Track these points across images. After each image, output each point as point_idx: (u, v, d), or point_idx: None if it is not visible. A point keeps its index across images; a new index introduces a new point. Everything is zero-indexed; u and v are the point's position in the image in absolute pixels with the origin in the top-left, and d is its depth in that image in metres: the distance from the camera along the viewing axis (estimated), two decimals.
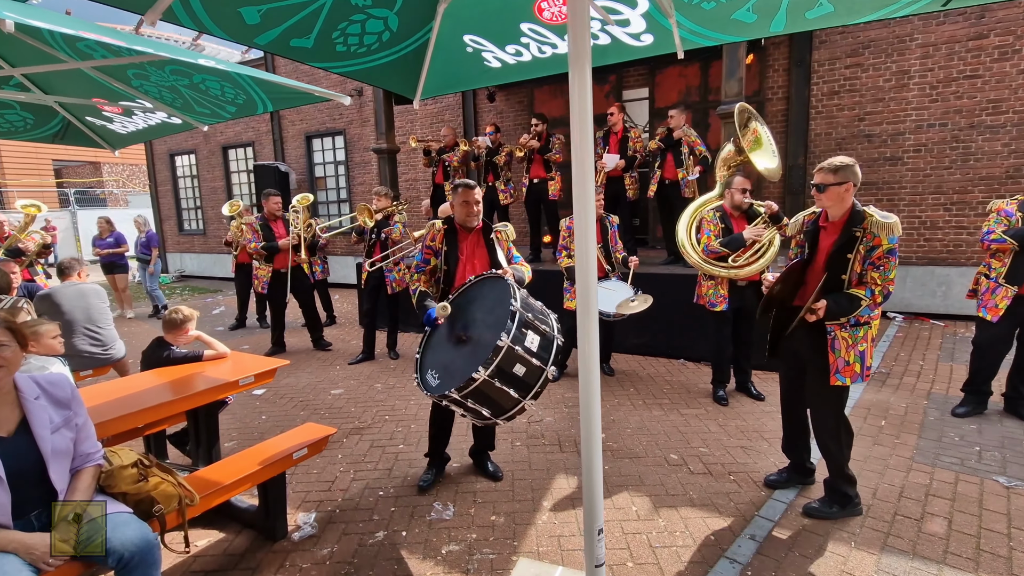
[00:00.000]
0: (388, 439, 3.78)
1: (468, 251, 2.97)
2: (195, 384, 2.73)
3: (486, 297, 2.54)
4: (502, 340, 2.17)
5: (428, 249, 2.97)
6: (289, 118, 11.76)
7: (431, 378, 2.45)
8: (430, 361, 2.57)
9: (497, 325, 2.28)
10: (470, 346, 2.41)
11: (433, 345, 2.64)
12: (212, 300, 10.44)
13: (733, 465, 3.24)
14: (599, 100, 8.37)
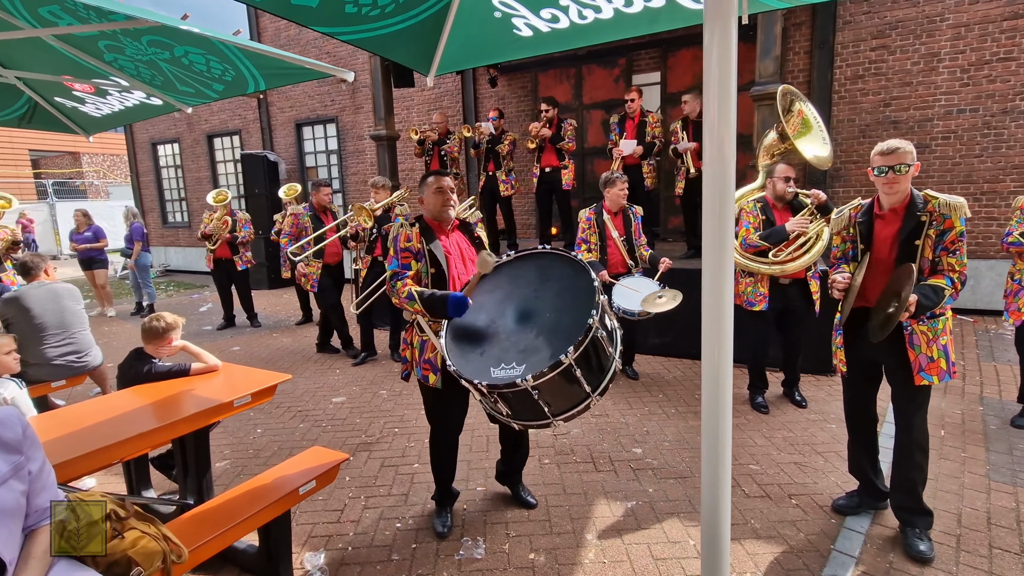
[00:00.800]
0: (400, 457, 3.40)
1: (454, 249, 2.54)
2: (182, 406, 2.32)
3: (538, 274, 2.17)
4: (592, 318, 1.83)
5: (405, 252, 2.43)
6: (278, 105, 11.22)
7: (510, 371, 1.98)
8: (493, 356, 2.09)
9: (576, 303, 1.96)
10: (536, 329, 2.03)
11: (465, 334, 2.19)
12: (199, 297, 9.95)
13: (791, 486, 2.90)
14: (608, 84, 7.99)
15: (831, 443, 3.36)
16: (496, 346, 2.06)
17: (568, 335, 1.89)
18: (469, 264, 2.54)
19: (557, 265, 2.14)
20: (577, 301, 1.98)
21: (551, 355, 1.86)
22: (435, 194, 2.50)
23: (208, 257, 6.85)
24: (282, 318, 7.78)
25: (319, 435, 3.76)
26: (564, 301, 2.03)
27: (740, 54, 5.10)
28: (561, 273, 2.11)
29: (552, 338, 1.94)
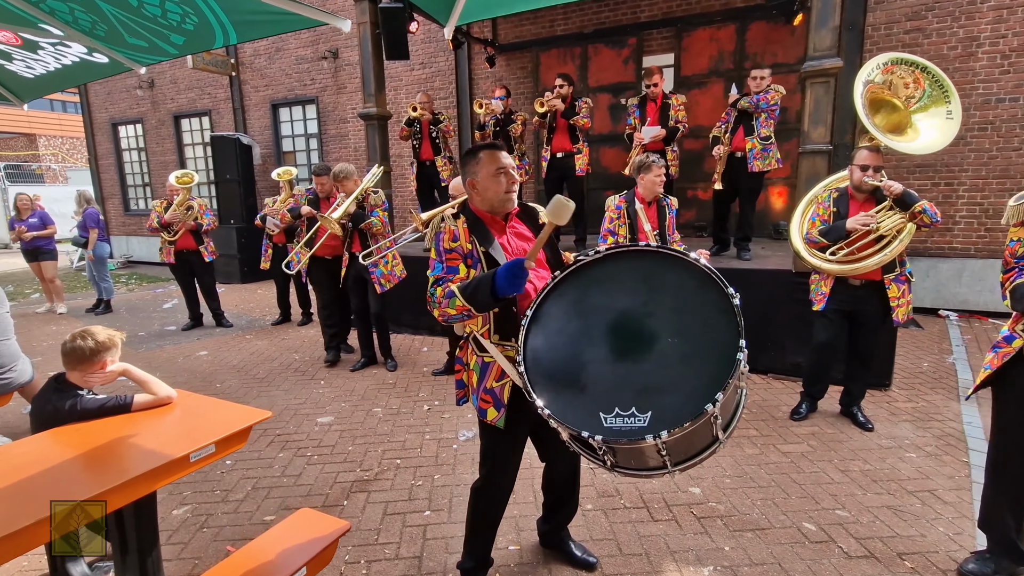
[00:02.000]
0: (406, 500, 2.76)
1: (515, 245, 1.91)
2: (118, 463, 1.65)
3: (643, 282, 1.59)
4: (742, 348, 1.36)
5: (451, 254, 1.84)
6: (252, 83, 10.33)
7: (628, 421, 1.43)
8: (600, 396, 1.51)
9: (705, 325, 1.46)
10: (655, 359, 1.47)
11: (553, 362, 1.60)
12: (163, 291, 9.07)
13: (896, 541, 2.36)
14: (616, 66, 7.40)
15: (920, 479, 2.84)
16: (601, 381, 1.50)
17: (706, 370, 1.37)
18: (537, 266, 1.90)
19: (669, 270, 1.55)
20: (706, 322, 1.43)
21: (688, 400, 1.34)
22: (494, 176, 1.84)
23: (167, 250, 6.03)
24: (256, 317, 7.02)
25: (303, 468, 3.10)
26: (687, 321, 1.46)
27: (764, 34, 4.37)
28: (677, 282, 1.52)
29: (684, 374, 1.41)
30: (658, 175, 3.67)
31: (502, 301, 1.68)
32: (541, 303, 1.69)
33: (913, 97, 3.20)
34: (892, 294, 3.27)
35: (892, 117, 3.13)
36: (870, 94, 3.11)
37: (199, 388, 4.43)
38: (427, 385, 4.39)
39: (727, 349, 1.36)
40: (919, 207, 3.07)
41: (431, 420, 3.71)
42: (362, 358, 4.91)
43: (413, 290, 5.03)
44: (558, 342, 1.61)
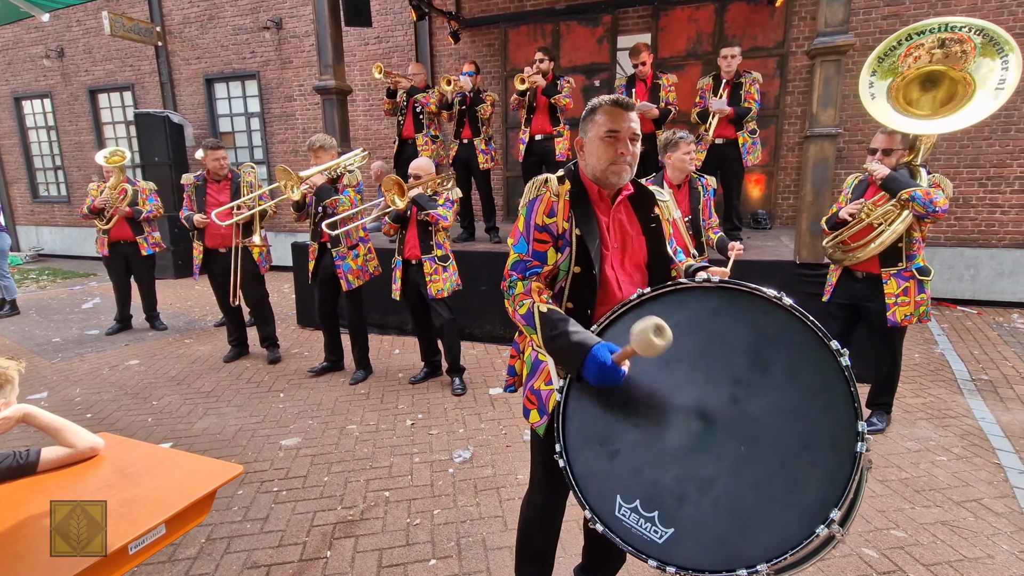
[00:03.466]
0: (404, 545, 2.29)
1: (614, 238, 1.50)
2: (12, 566, 1.10)
3: (753, 336, 1.19)
4: (863, 446, 1.00)
5: (543, 234, 1.44)
6: (182, 55, 9.24)
7: (642, 525, 1.11)
8: (613, 477, 1.19)
9: (802, 398, 1.08)
10: (744, 452, 1.09)
11: (596, 434, 1.24)
12: (82, 289, 7.99)
13: (966, 565, 2.13)
14: (590, 45, 7.02)
15: (961, 487, 2.65)
16: (637, 456, 1.17)
17: (813, 475, 1.03)
18: (628, 263, 1.51)
19: (778, 322, 1.16)
20: (813, 401, 1.08)
21: (790, 522, 1.03)
22: (602, 140, 1.42)
23: (100, 240, 5.18)
24: (195, 318, 6.22)
25: (270, 509, 2.56)
26: (794, 399, 1.09)
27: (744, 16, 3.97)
28: (789, 342, 1.13)
29: (784, 481, 1.06)
30: (687, 152, 3.30)
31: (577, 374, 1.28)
32: (609, 325, 1.34)
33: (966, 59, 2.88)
34: (890, 290, 3.03)
35: (945, 94, 2.85)
36: (928, 67, 2.80)
37: (131, 408, 3.74)
38: (405, 395, 3.89)
39: (847, 445, 1.03)
40: (907, 194, 2.85)
41: (417, 438, 3.23)
42: (324, 361, 4.34)
43: (379, 285, 4.48)
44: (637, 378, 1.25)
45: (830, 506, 0.99)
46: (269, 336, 4.67)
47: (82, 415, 3.63)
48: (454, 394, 3.86)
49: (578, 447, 1.26)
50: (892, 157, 2.99)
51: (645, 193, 1.55)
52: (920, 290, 3.02)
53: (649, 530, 1.09)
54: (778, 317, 1.15)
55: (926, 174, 2.92)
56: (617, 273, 1.48)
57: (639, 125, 1.46)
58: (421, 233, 3.72)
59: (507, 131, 7.40)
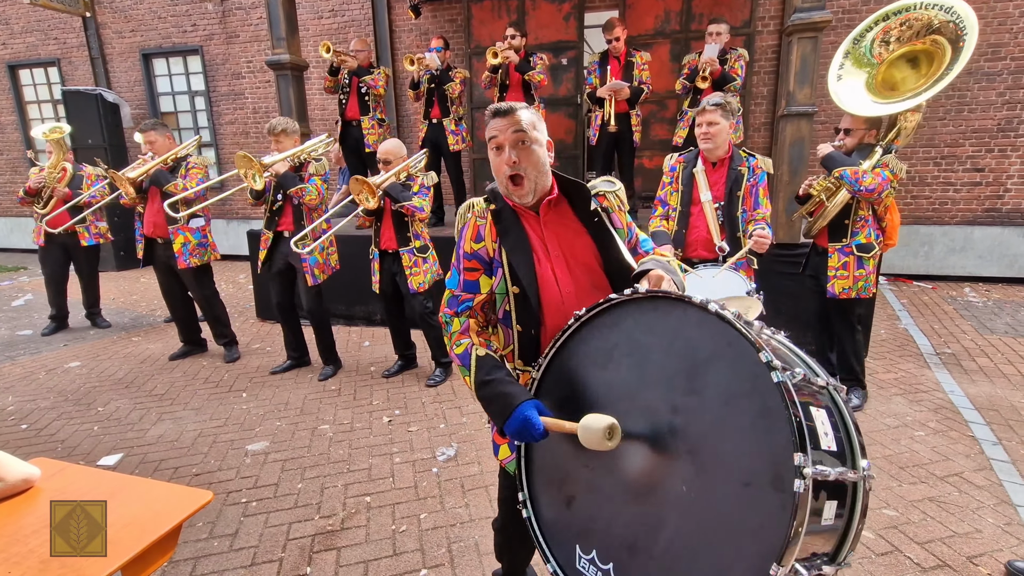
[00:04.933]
0: (392, 555, 2.13)
1: (552, 246, 1.37)
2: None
3: (650, 351, 1.06)
4: (801, 483, 0.81)
5: (472, 263, 1.39)
6: (113, 27, 8.48)
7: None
8: (571, 525, 1.11)
9: (743, 425, 0.91)
10: (686, 493, 0.95)
11: (553, 477, 1.18)
12: (10, 284, 7.32)
13: (958, 541, 2.15)
14: (556, 23, 6.81)
15: (942, 461, 2.70)
16: (590, 503, 1.09)
17: (755, 520, 0.87)
18: (578, 270, 1.36)
19: (711, 333, 0.97)
20: (754, 427, 0.90)
21: None
22: (491, 151, 1.32)
23: (37, 228, 4.68)
24: (142, 313, 5.78)
25: (240, 523, 2.35)
26: (733, 425, 0.92)
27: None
28: (723, 356, 0.95)
29: (696, 542, 0.94)
30: (701, 122, 2.71)
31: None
32: (556, 354, 1.24)
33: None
34: (832, 263, 3.13)
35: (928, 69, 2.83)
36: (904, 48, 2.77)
37: (73, 417, 3.40)
38: (380, 389, 3.70)
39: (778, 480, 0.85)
40: (837, 172, 2.92)
41: (396, 436, 3.06)
42: (287, 360, 4.08)
43: (345, 275, 4.24)
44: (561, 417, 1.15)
45: (769, 560, 0.82)
46: (223, 334, 4.34)
47: (16, 427, 3.28)
48: (427, 386, 3.70)
49: (540, 491, 1.19)
50: (853, 137, 3.02)
51: (576, 189, 1.39)
52: (859, 265, 3.07)
53: None
54: (711, 327, 0.97)
55: (880, 155, 2.92)
56: (561, 286, 1.35)
57: (531, 125, 1.30)
58: (397, 224, 3.49)
59: (473, 111, 7.14)
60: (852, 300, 3.13)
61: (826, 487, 0.88)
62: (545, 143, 1.35)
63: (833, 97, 2.76)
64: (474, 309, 1.41)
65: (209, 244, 4.10)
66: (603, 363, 1.10)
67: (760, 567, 0.82)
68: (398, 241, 3.51)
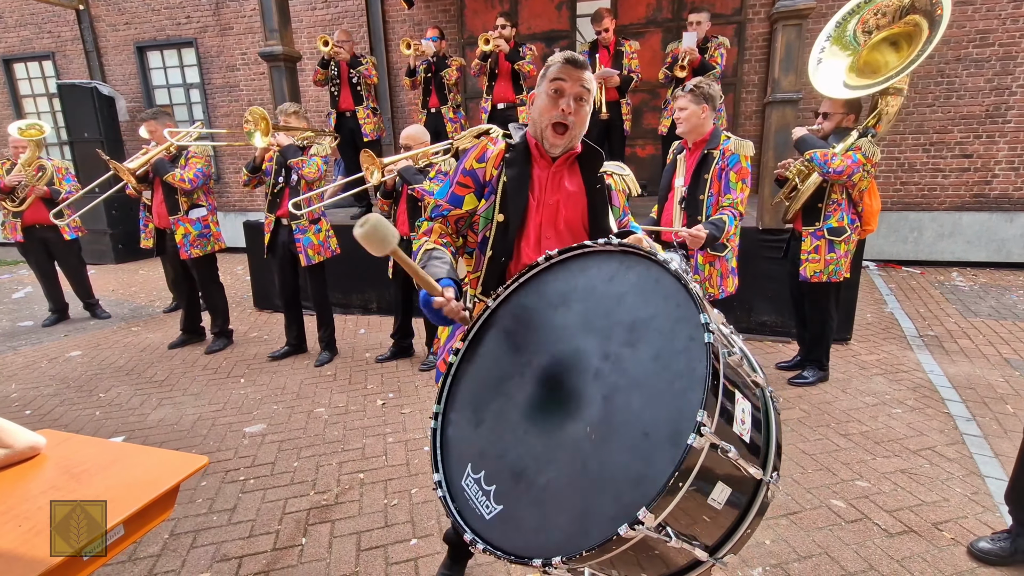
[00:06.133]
0: (384, 527, 2.23)
1: (549, 195, 1.47)
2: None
3: (603, 299, 1.11)
4: (696, 439, 0.82)
5: (466, 179, 1.49)
6: (108, 20, 8.49)
7: (479, 498, 1.05)
8: (474, 447, 1.13)
9: (664, 382, 0.93)
10: (589, 435, 0.98)
11: (473, 399, 1.20)
12: (10, 277, 7.39)
13: (926, 509, 2.25)
14: (549, 12, 6.84)
15: (916, 436, 2.79)
16: (494, 426, 1.12)
17: (642, 469, 0.88)
18: (562, 222, 1.47)
19: (665, 292, 1.03)
20: (672, 385, 0.92)
21: (603, 517, 0.89)
22: (547, 95, 1.39)
23: (11, 224, 4.73)
24: (141, 304, 5.86)
25: (237, 499, 2.44)
26: (655, 381, 0.95)
27: None
28: (669, 316, 0.99)
29: (598, 478, 0.94)
30: (682, 108, 2.70)
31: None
32: (494, 311, 1.28)
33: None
34: (804, 247, 3.20)
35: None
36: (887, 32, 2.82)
37: (76, 403, 3.49)
38: (374, 374, 3.79)
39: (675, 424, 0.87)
40: (808, 155, 3.00)
41: (390, 417, 3.15)
42: (285, 345, 4.17)
43: (342, 264, 4.33)
44: (492, 351, 1.23)
45: (639, 505, 0.83)
46: (216, 324, 4.39)
47: (19, 413, 3.37)
48: (421, 370, 3.78)
49: (457, 408, 1.21)
50: (830, 121, 3.09)
51: (593, 154, 1.49)
52: (830, 249, 3.13)
53: (482, 504, 1.03)
54: (666, 286, 1.01)
55: (854, 138, 2.96)
56: (543, 230, 1.46)
57: (594, 86, 1.40)
58: (410, 209, 3.54)
59: (467, 101, 7.18)
60: (825, 284, 3.19)
61: (721, 465, 0.88)
62: (588, 113, 1.44)
63: (811, 79, 2.82)
64: (447, 219, 1.50)
65: (212, 235, 4.16)
66: (556, 305, 1.16)
67: (628, 514, 0.83)
68: (411, 226, 3.56)
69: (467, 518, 1.03)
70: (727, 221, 2.57)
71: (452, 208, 1.49)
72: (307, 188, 3.70)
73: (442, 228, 1.50)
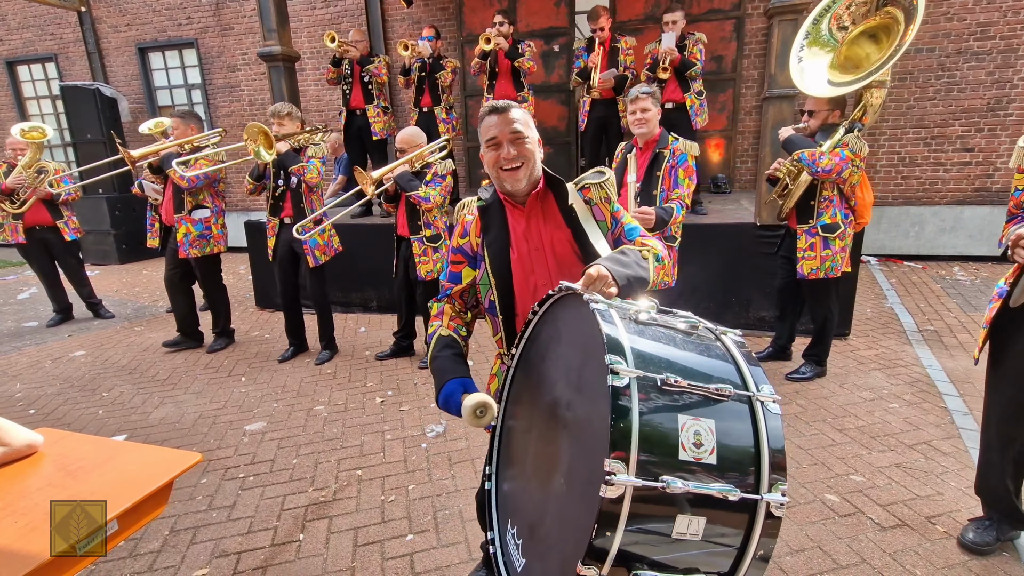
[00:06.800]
0: (380, 523, 2.26)
1: (534, 240, 1.45)
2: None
3: (565, 346, 1.12)
4: (607, 488, 0.80)
5: (457, 256, 1.54)
6: (108, 21, 8.54)
7: (515, 553, 1.12)
8: (512, 503, 1.20)
9: (601, 426, 0.89)
10: (563, 486, 1.00)
11: (511, 456, 1.28)
12: (15, 279, 7.46)
13: (919, 503, 2.25)
14: (547, 9, 6.83)
15: (912, 431, 2.80)
16: (524, 488, 1.18)
17: (587, 517, 0.86)
18: (552, 265, 1.45)
19: (574, 326, 1.09)
20: (605, 426, 0.87)
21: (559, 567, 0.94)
22: (485, 147, 1.42)
23: (11, 226, 4.77)
24: (144, 304, 5.91)
25: (237, 496, 2.47)
26: (596, 423, 0.93)
27: None
28: (598, 367, 0.93)
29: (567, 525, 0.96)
30: (634, 111, 2.88)
31: None
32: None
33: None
34: (800, 244, 3.21)
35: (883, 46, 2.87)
36: (864, 25, 2.82)
37: (79, 402, 3.53)
38: (373, 372, 3.82)
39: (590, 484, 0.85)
40: (796, 155, 3.02)
41: (388, 415, 3.18)
42: (290, 346, 4.20)
43: (343, 263, 4.35)
44: (515, 408, 1.31)
45: (577, 557, 0.83)
46: (217, 324, 4.43)
47: (24, 411, 3.41)
48: (420, 368, 3.81)
49: (502, 467, 1.29)
50: (816, 118, 3.10)
51: (555, 183, 1.47)
52: (825, 246, 3.14)
53: (516, 558, 1.09)
54: (595, 327, 0.97)
55: (841, 134, 2.97)
56: (537, 277, 1.44)
57: (523, 124, 1.39)
58: (409, 212, 3.57)
59: (466, 99, 7.20)
60: (824, 281, 3.20)
61: (664, 500, 0.83)
62: (536, 140, 1.43)
63: (795, 82, 2.82)
64: (452, 297, 1.55)
65: (213, 236, 4.16)
66: (543, 355, 1.18)
67: (571, 566, 0.83)
68: (409, 228, 3.59)
69: (510, 572, 1.11)
70: (675, 210, 2.83)
71: (454, 286, 1.54)
72: (308, 191, 3.73)
73: (451, 309, 1.55)
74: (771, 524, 0.88)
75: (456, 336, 1.48)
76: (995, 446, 1.95)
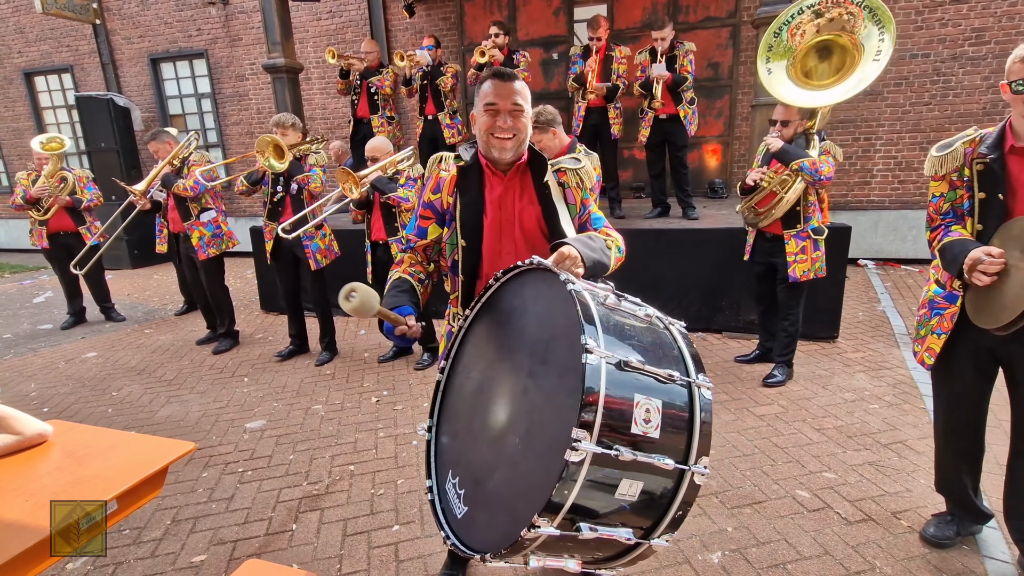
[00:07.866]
0: (369, 514, 2.38)
1: (506, 209, 1.54)
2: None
3: (531, 318, 1.22)
4: (572, 453, 0.91)
5: (426, 210, 1.60)
6: (122, 33, 8.80)
7: (455, 500, 1.21)
8: (453, 456, 1.30)
9: (565, 397, 1.01)
10: (518, 447, 1.10)
11: (454, 412, 1.37)
12: (32, 283, 7.71)
13: (887, 499, 2.33)
14: (547, 18, 6.97)
15: (889, 431, 2.87)
16: (466, 435, 1.28)
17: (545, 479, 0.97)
18: (519, 235, 1.55)
19: (545, 300, 1.20)
20: (570, 398, 1.00)
21: (508, 524, 1.03)
22: (483, 111, 1.47)
23: (38, 232, 4.99)
24: (155, 307, 6.10)
25: (235, 489, 2.61)
26: (560, 394, 1.05)
27: None
28: (573, 333, 1.04)
29: (521, 483, 1.07)
30: (539, 138, 2.82)
31: None
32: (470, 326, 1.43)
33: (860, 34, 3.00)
34: (790, 249, 3.29)
35: (838, 60, 2.96)
36: (817, 38, 2.92)
37: (90, 401, 3.70)
38: (371, 373, 3.95)
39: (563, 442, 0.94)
40: (796, 164, 3.08)
41: (382, 414, 3.30)
42: (290, 345, 4.35)
43: (343, 267, 4.48)
44: (465, 367, 1.38)
45: (534, 510, 0.93)
46: (222, 324, 4.60)
47: (38, 410, 3.58)
48: (415, 369, 3.93)
49: (443, 421, 1.37)
50: (789, 128, 3.19)
51: (539, 160, 1.55)
52: (815, 248, 3.26)
53: (457, 505, 1.17)
54: (568, 304, 1.07)
55: (819, 141, 3.11)
56: (503, 244, 1.53)
57: (524, 98, 1.46)
58: (385, 215, 3.71)
59: (466, 108, 7.34)
60: (801, 284, 3.30)
61: (614, 465, 0.96)
62: (530, 115, 1.52)
63: (768, 89, 2.91)
64: (415, 250, 1.63)
65: (224, 234, 4.45)
66: (503, 323, 1.29)
67: (527, 519, 0.93)
68: (387, 231, 3.73)
69: (448, 518, 1.19)
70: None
71: (419, 240, 1.60)
72: (310, 198, 3.89)
73: (411, 258, 1.62)
74: (691, 490, 1.04)
75: (409, 278, 1.54)
76: (949, 445, 2.03)
